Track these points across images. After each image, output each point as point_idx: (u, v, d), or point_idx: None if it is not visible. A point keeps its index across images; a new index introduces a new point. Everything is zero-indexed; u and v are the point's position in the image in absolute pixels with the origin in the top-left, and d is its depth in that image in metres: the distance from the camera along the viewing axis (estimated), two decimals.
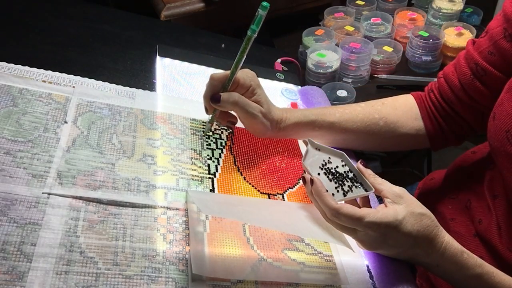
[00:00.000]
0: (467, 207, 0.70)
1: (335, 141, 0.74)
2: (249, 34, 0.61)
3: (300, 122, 0.70)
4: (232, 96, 0.63)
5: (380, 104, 0.74)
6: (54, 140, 0.61)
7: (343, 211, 0.53)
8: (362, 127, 0.72)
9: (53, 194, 0.55)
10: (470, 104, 0.69)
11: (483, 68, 0.65)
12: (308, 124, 0.70)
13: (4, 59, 0.69)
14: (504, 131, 0.57)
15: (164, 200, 0.60)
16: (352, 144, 0.76)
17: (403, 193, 0.57)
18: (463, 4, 1.25)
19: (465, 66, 0.68)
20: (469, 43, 0.69)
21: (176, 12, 1.11)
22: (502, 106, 0.59)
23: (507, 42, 0.62)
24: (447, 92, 0.71)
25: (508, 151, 0.56)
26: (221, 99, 0.62)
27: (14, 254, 0.48)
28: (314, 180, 0.57)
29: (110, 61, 0.79)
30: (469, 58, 0.67)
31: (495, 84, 0.64)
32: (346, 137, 0.73)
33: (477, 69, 0.65)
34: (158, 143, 0.67)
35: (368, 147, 0.78)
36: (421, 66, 1.13)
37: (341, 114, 0.72)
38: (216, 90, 0.64)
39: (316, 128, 0.71)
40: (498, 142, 0.58)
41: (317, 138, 0.71)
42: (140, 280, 0.51)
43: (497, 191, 0.64)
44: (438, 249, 0.56)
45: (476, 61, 0.66)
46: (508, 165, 0.57)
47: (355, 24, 1.20)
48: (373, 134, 0.73)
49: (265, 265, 0.57)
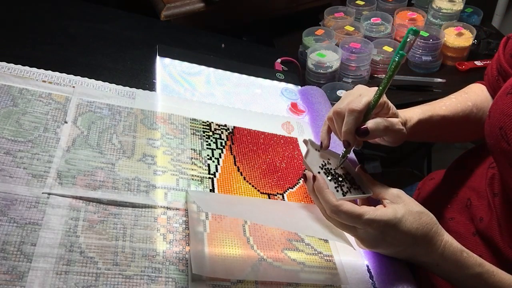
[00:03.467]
0: (467, 206, 0.70)
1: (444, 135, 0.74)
2: (397, 60, 0.56)
3: (421, 119, 0.67)
4: (380, 124, 0.58)
5: (466, 93, 0.75)
6: (54, 140, 0.61)
7: (343, 208, 0.54)
8: (464, 117, 0.72)
9: (53, 194, 0.55)
10: None
11: (504, 69, 0.68)
12: (427, 121, 0.68)
13: (4, 59, 0.69)
14: (497, 128, 0.58)
15: (164, 200, 0.60)
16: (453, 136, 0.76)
17: (401, 194, 0.57)
18: (463, 4, 1.25)
19: (494, 66, 0.71)
20: (502, 42, 0.71)
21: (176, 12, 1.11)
22: (496, 105, 0.60)
23: None
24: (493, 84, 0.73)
25: (503, 148, 0.57)
26: (370, 130, 0.57)
27: (14, 254, 0.48)
28: (316, 177, 0.57)
29: (110, 61, 0.79)
30: (497, 59, 0.70)
31: None
32: (454, 129, 0.73)
33: (500, 70, 0.69)
34: (158, 143, 0.67)
35: (467, 137, 0.78)
36: (421, 66, 1.13)
37: (446, 107, 0.71)
38: (359, 122, 0.58)
39: (434, 123, 0.69)
40: (493, 140, 0.59)
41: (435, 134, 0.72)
42: (140, 280, 0.51)
43: (497, 189, 0.64)
44: (438, 247, 0.56)
45: (501, 62, 0.68)
46: (503, 161, 0.58)
47: (355, 24, 1.20)
48: (472, 123, 0.73)
49: (265, 265, 0.57)
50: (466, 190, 0.72)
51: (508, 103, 0.57)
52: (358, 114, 0.57)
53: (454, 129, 0.73)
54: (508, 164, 0.57)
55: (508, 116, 0.56)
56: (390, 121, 0.59)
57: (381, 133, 0.58)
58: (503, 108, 0.58)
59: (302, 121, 0.83)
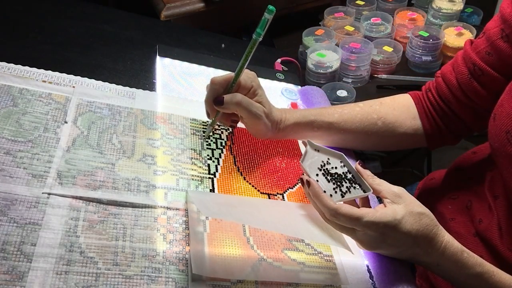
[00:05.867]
0: (468, 207, 0.70)
1: (333, 141, 0.75)
2: (254, 38, 0.60)
3: (299, 123, 0.70)
4: (235, 97, 0.63)
5: (378, 104, 0.74)
6: (54, 140, 0.61)
7: (341, 211, 0.53)
8: (360, 128, 0.72)
9: (53, 194, 0.55)
10: (467, 104, 0.69)
11: (481, 68, 0.65)
12: (307, 125, 0.70)
13: (4, 59, 0.69)
14: (504, 132, 0.57)
15: (164, 200, 0.60)
16: (351, 144, 0.76)
17: (402, 193, 0.57)
18: (463, 4, 1.25)
19: (463, 66, 0.68)
20: (466, 43, 0.69)
21: (176, 12, 1.11)
22: (502, 107, 0.59)
23: (504, 42, 0.62)
24: (444, 91, 0.71)
25: (508, 152, 0.56)
26: (225, 100, 0.62)
27: (14, 254, 0.48)
28: (310, 182, 0.57)
29: (110, 61, 0.79)
30: (466, 58, 0.68)
31: (492, 85, 0.65)
32: (345, 137, 0.73)
33: (474, 69, 0.66)
34: (158, 143, 0.67)
35: (366, 147, 0.78)
36: (421, 66, 1.13)
37: (340, 115, 0.72)
38: (218, 93, 0.63)
39: (315, 129, 0.71)
40: (499, 143, 0.58)
41: (316, 139, 0.71)
42: (140, 280, 0.51)
43: (498, 191, 0.64)
44: (438, 248, 0.56)
45: (473, 61, 0.66)
46: (508, 165, 0.57)
47: (355, 24, 1.20)
48: (372, 134, 0.73)
49: (265, 265, 0.57)
50: (466, 192, 0.72)
51: None
52: (216, 86, 0.63)
53: (351, 137, 0.74)
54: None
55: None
56: (248, 101, 0.64)
57: (234, 106, 0.63)
58: (510, 111, 0.57)
59: None
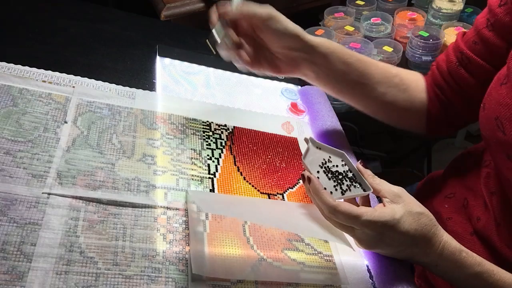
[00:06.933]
0: (464, 206, 0.70)
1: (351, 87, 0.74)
2: None
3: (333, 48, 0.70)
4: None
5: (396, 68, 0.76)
6: (54, 140, 0.61)
7: (340, 208, 0.54)
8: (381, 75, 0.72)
9: (53, 194, 0.55)
10: (458, 91, 0.71)
11: (468, 56, 0.68)
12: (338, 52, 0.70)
13: (4, 59, 0.69)
14: (493, 118, 0.58)
15: (164, 200, 0.60)
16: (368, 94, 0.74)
17: (402, 193, 0.57)
18: (463, 4, 1.25)
19: (452, 54, 0.71)
20: (459, 34, 0.72)
21: (176, 12, 1.12)
22: (490, 96, 0.61)
23: (489, 31, 0.64)
24: (438, 79, 0.73)
25: (499, 138, 0.57)
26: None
27: (14, 254, 0.48)
28: (311, 178, 0.57)
29: (110, 61, 0.79)
30: (456, 48, 0.71)
31: (479, 73, 0.67)
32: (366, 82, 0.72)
33: (462, 58, 0.69)
34: (158, 143, 0.67)
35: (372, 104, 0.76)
36: (421, 66, 1.13)
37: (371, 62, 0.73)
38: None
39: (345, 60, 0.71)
40: (489, 131, 0.59)
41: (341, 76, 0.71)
42: (140, 280, 0.51)
43: (494, 187, 0.64)
44: (437, 248, 0.56)
45: (461, 50, 0.69)
46: (499, 152, 0.58)
47: (355, 24, 1.20)
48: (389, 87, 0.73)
49: (265, 265, 0.57)
50: (462, 190, 0.72)
51: (503, 93, 0.57)
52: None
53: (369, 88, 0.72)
54: (505, 155, 0.57)
55: (503, 106, 0.57)
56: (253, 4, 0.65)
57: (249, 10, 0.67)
58: (498, 98, 0.58)
59: (302, 121, 0.83)
